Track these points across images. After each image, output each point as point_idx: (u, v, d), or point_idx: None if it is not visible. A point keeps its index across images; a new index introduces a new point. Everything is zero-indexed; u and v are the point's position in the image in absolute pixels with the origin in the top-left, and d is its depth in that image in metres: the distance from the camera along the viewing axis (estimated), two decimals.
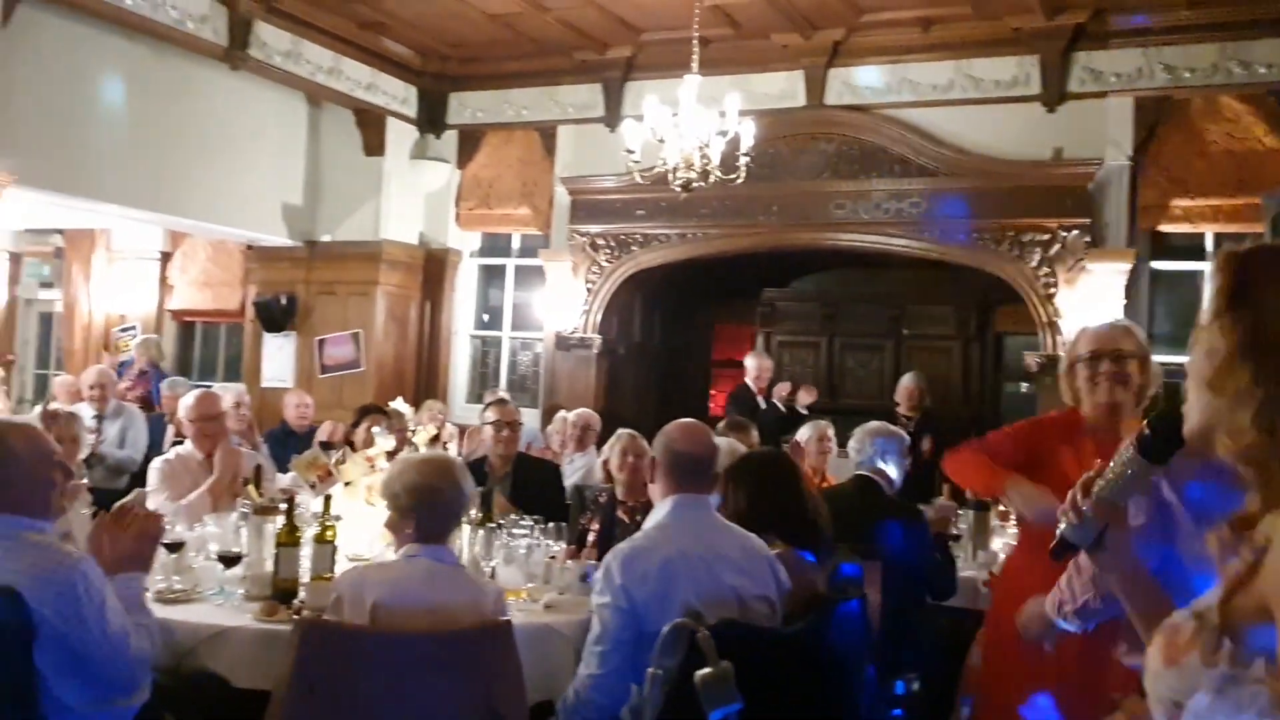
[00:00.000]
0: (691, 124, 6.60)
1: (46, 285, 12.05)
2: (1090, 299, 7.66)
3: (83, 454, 5.62)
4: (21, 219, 10.12)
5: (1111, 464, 1.68)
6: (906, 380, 8.10)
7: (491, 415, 5.52)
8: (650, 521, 3.25)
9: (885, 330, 10.96)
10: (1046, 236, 7.96)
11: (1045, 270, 7.95)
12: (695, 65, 6.83)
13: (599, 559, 3.44)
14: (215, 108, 8.66)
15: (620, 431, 4.82)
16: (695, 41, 7.00)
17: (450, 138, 9.98)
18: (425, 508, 3.09)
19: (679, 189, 6.81)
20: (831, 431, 5.90)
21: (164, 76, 8.22)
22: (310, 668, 2.83)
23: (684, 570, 3.03)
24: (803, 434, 5.91)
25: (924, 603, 4.41)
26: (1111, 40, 7.87)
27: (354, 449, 5.05)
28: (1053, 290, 7.91)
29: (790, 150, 8.75)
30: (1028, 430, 3.40)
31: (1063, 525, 1.74)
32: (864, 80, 8.60)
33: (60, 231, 11.21)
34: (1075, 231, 7.87)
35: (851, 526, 4.00)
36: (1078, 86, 7.95)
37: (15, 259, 11.73)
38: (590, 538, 4.47)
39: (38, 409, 6.63)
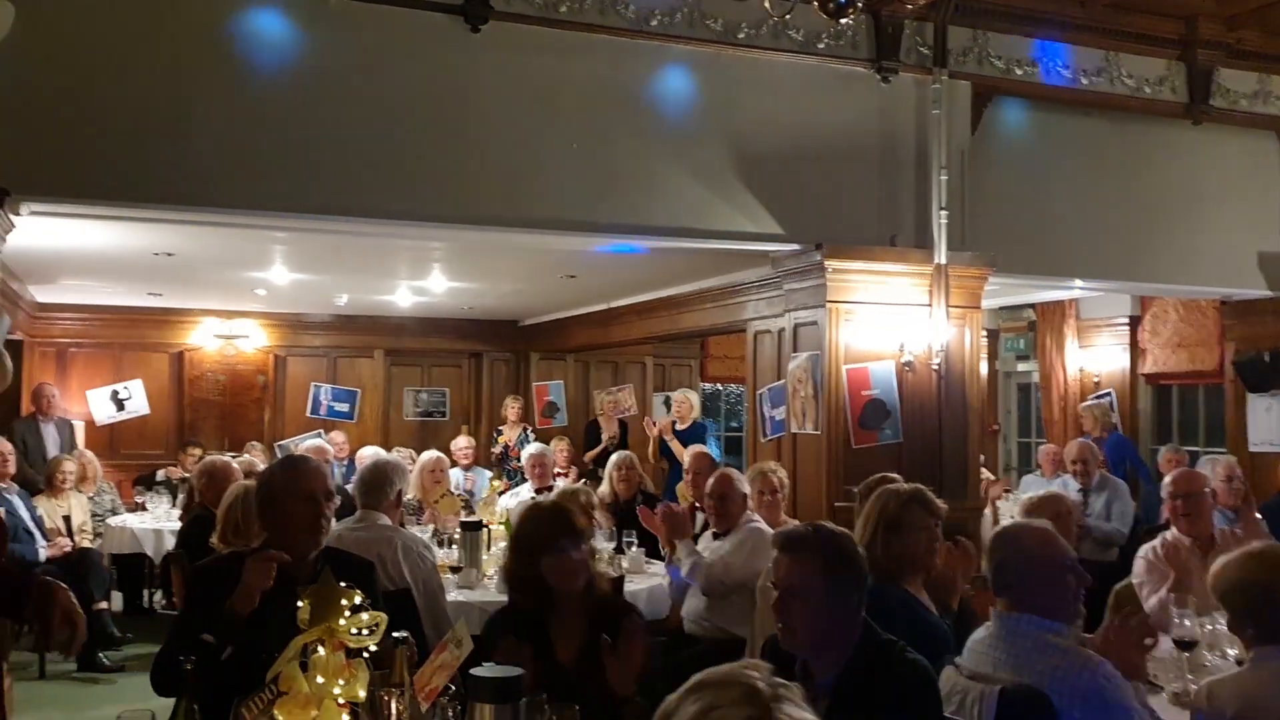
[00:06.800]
0: None
1: (1022, 358, 12.72)
2: None
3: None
4: (997, 299, 10.85)
5: None
6: None
7: None
8: None
9: None
10: None
11: None
12: None
13: None
14: (1176, 166, 8.34)
15: None
16: None
17: None
18: (1260, 607, 2.87)
19: None
20: None
21: (1121, 146, 8.17)
22: None
23: None
24: None
25: None
26: None
27: None
28: None
29: None
30: None
31: None
32: None
33: (1032, 306, 11.78)
34: None
35: None
36: None
37: (993, 335, 12.58)
38: None
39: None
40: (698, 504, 6.02)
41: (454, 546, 5.69)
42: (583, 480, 8.19)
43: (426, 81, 6.07)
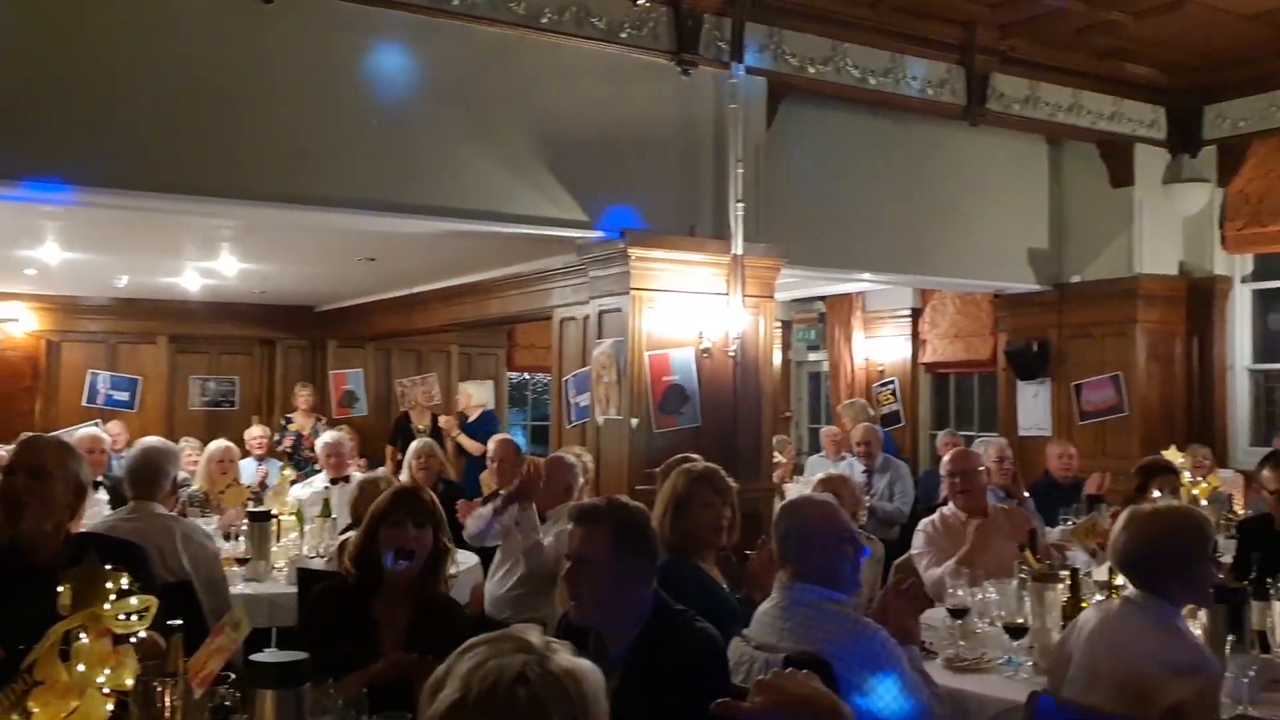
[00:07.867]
0: None
1: (813, 348, 13.21)
2: None
3: (862, 516, 5.98)
4: (790, 291, 11.21)
5: None
6: None
7: (1267, 473, 4.78)
8: None
9: None
10: None
11: None
12: None
13: None
14: (955, 166, 8.83)
15: None
16: None
17: (1208, 155, 9.07)
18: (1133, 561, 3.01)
19: None
20: None
21: (906, 145, 8.58)
22: None
23: None
24: None
25: None
26: None
27: None
28: None
29: None
30: None
31: None
32: None
33: (822, 299, 12.25)
34: None
35: None
36: None
37: (786, 326, 13.01)
38: None
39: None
40: (501, 492, 5.99)
41: (241, 539, 5.47)
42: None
43: (215, 51, 5.77)
